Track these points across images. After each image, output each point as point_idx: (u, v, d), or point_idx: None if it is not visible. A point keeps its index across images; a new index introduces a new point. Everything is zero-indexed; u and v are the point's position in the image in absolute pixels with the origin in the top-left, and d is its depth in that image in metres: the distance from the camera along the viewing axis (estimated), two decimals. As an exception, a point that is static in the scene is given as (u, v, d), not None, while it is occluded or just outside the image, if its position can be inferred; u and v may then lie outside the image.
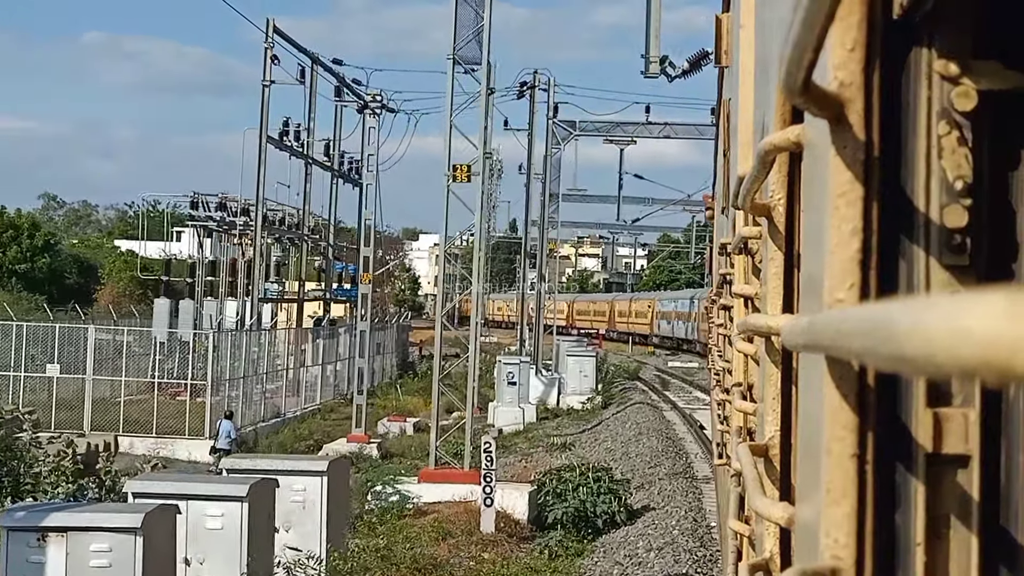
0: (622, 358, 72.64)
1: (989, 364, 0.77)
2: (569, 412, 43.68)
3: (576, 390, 45.87)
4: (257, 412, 39.00)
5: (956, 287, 1.45)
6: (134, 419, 35.51)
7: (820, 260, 1.56)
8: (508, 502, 23.85)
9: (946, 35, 1.47)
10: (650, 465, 29.14)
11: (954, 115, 1.46)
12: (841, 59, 1.45)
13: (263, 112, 42.08)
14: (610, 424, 38.40)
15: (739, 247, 4.09)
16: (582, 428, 38.42)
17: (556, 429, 38.52)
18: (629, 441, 33.49)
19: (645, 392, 50.72)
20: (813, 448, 1.63)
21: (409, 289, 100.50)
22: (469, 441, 27.50)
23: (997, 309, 0.77)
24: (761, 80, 3.57)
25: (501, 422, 38.60)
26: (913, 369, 0.91)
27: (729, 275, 6.09)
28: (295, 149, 47.04)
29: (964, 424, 1.45)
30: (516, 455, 32.31)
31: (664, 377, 60.83)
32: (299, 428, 38.36)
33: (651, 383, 56.19)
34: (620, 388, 51.91)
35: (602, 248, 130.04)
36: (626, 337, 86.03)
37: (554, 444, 33.48)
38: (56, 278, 77.16)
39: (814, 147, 1.76)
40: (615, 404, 44.61)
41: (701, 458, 31.02)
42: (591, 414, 42.64)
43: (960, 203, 1.45)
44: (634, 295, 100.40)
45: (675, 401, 46.00)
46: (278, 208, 50.48)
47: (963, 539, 1.45)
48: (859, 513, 1.47)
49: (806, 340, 1.49)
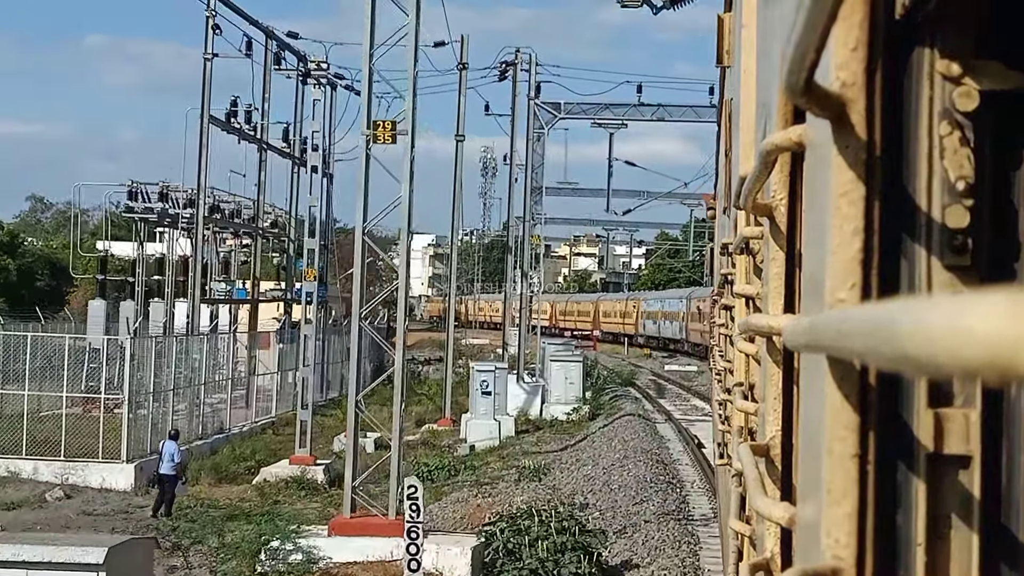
0: (616, 361, 69.52)
1: (991, 364, 0.77)
2: (552, 424, 39.33)
3: (561, 399, 41.30)
4: (196, 428, 33.67)
5: (958, 287, 1.45)
6: (43, 439, 29.21)
7: (822, 260, 1.56)
8: (445, 561, 19.21)
9: (948, 35, 1.47)
10: (635, 501, 24.04)
11: (956, 115, 1.46)
12: (843, 59, 1.45)
13: (205, 89, 37.09)
14: (595, 441, 33.85)
15: (741, 247, 4.09)
16: (564, 444, 34.14)
17: (535, 445, 34.30)
18: (613, 466, 28.52)
19: (638, 401, 46.50)
20: (814, 448, 1.63)
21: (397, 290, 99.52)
22: (396, 478, 21.16)
23: (999, 309, 0.77)
24: (763, 80, 3.57)
25: (474, 437, 35.12)
26: (915, 369, 0.91)
27: (731, 275, 6.09)
28: (246, 133, 41.80)
29: (965, 424, 1.45)
30: (471, 488, 27.11)
31: (660, 383, 57.27)
32: (241, 447, 33.13)
33: (645, 389, 52.45)
34: (611, 396, 47.64)
35: (599, 247, 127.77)
36: (623, 339, 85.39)
37: (526, 468, 28.54)
38: (26, 280, 74.68)
39: (816, 147, 1.76)
40: (604, 415, 40.39)
41: (698, 488, 26.78)
42: (576, 427, 38.24)
43: (962, 203, 1.45)
44: (619, 295, 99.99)
45: (670, 411, 42.43)
46: (231, 199, 45.33)
47: (964, 539, 1.45)
48: (860, 513, 1.47)
49: (807, 340, 1.49)
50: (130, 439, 28.87)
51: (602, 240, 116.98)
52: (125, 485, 27.99)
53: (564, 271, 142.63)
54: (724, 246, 6.95)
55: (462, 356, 62.68)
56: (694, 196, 77.39)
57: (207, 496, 27.25)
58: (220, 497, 27.34)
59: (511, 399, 39.34)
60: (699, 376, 58.00)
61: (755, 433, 3.54)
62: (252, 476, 29.70)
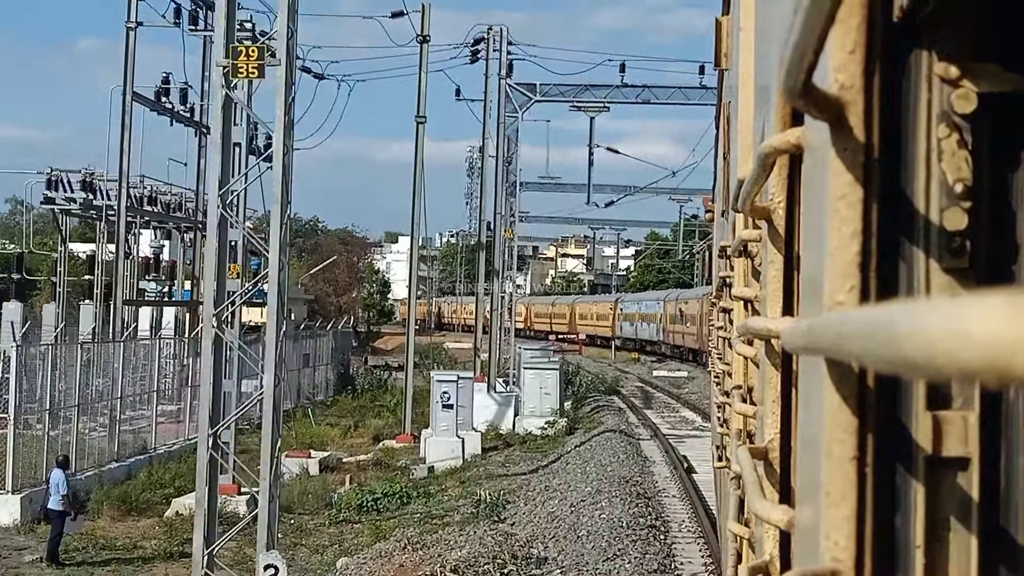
0: (602, 366, 65.66)
1: (989, 366, 0.77)
2: (525, 440, 35.11)
3: (535, 411, 37.20)
4: (109, 450, 28.40)
5: (956, 290, 1.46)
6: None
7: (820, 262, 1.56)
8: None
9: (946, 38, 1.47)
10: (607, 555, 18.80)
11: (954, 118, 1.46)
12: (841, 61, 1.45)
13: (127, 63, 32.53)
14: (569, 463, 28.64)
15: (739, 250, 4.10)
16: (534, 465, 29.38)
17: (502, 467, 29.89)
18: (584, 502, 22.93)
19: (621, 412, 41.70)
20: (813, 451, 1.63)
21: (378, 293, 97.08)
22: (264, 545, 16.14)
23: (997, 311, 0.77)
24: (761, 83, 3.57)
25: (434, 456, 30.69)
26: (913, 371, 0.91)
27: (729, 278, 6.09)
28: (181, 114, 36.73)
29: (964, 427, 1.45)
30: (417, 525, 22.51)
31: (647, 390, 52.92)
32: (160, 471, 27.57)
33: (630, 398, 47.68)
34: (593, 407, 43.24)
35: (587, 248, 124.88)
36: (611, 342, 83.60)
37: (483, 502, 23.87)
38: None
39: (814, 149, 1.76)
40: (582, 429, 36.05)
41: (688, 531, 21.21)
42: (551, 443, 33.94)
43: (960, 206, 1.45)
44: (596, 297, 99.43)
45: (656, 424, 37.89)
46: (169, 191, 40.91)
47: (963, 541, 1.45)
48: (859, 515, 1.47)
49: (806, 343, 1.49)
50: (16, 465, 23.56)
51: (590, 241, 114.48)
52: (8, 520, 22.96)
53: (552, 273, 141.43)
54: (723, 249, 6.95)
55: (439, 362, 58.57)
56: (683, 192, 72.57)
57: (104, 534, 22.43)
58: (121, 535, 22.49)
59: (480, 411, 35.73)
60: (689, 383, 55.34)
61: (754, 436, 3.54)
62: (165, 507, 24.88)
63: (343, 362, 51.85)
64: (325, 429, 36.21)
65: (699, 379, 53.70)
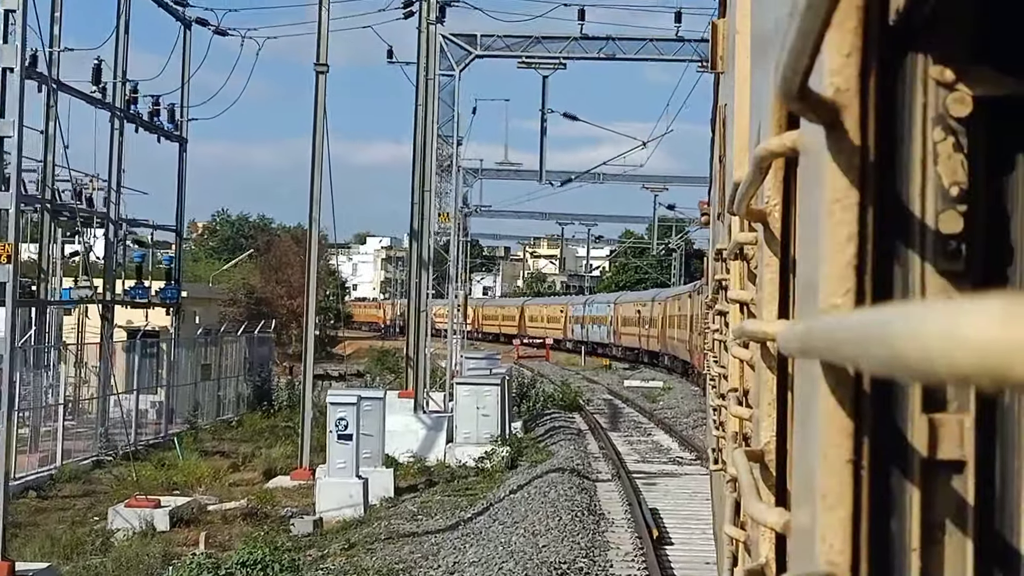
0: (568, 376, 58.27)
1: (985, 370, 0.77)
2: (453, 478, 26.78)
3: (471, 437, 29.20)
4: None
5: (952, 293, 1.46)
6: None
7: (816, 265, 1.56)
8: None
9: (942, 41, 1.47)
10: None
11: (949, 121, 1.46)
12: (837, 65, 1.45)
13: None
14: (498, 518, 20.89)
15: (735, 252, 4.10)
16: (454, 519, 21.34)
17: (412, 519, 21.69)
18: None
19: (580, 437, 33.52)
20: (809, 453, 1.63)
21: (334, 295, 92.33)
22: None
23: (993, 315, 0.77)
24: (757, 86, 3.58)
25: (327, 503, 22.49)
26: (909, 374, 0.91)
27: (725, 280, 6.09)
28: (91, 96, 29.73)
29: (959, 430, 1.46)
30: None
31: (617, 404, 45.08)
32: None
33: (595, 416, 39.80)
34: (547, 428, 35.49)
35: (560, 247, 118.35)
36: (579, 347, 78.89)
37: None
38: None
39: (810, 153, 1.76)
40: (526, 463, 27.84)
41: None
42: (485, 482, 25.77)
43: (955, 209, 1.46)
44: (546, 299, 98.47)
45: (622, 455, 29.80)
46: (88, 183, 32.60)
47: (959, 544, 1.45)
48: (855, 518, 1.47)
49: (802, 345, 1.49)
50: None
51: (563, 240, 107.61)
52: None
53: (523, 274, 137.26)
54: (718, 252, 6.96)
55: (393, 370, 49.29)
56: (657, 179, 67.49)
57: None
58: None
59: (403, 437, 28.57)
60: (665, 394, 48.24)
61: (750, 438, 3.54)
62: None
63: (262, 373, 43.12)
64: (205, 462, 28.23)
65: (676, 390, 49.41)
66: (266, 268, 75.56)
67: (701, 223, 21.94)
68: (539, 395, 43.34)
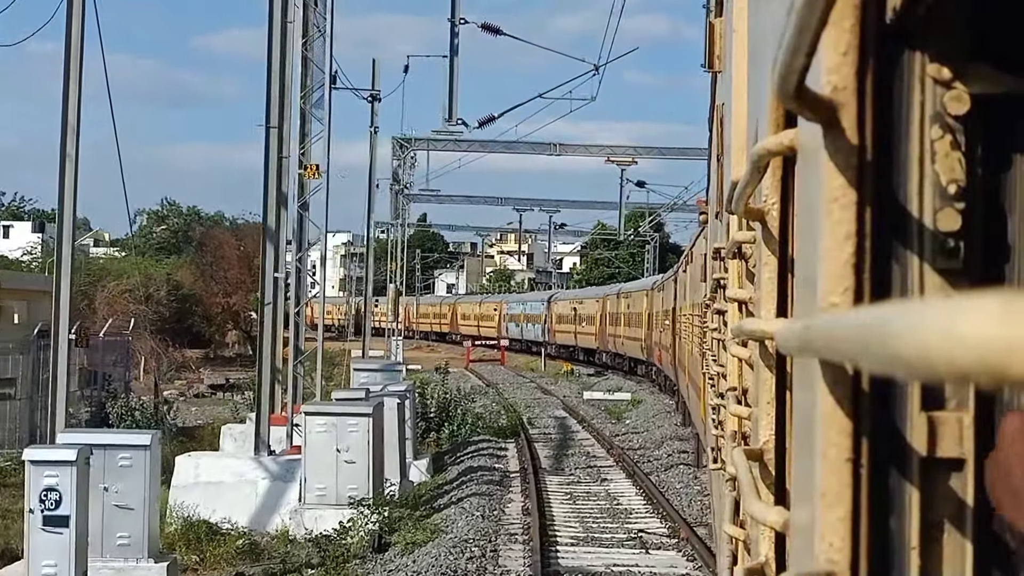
0: (520, 384, 50.64)
1: (983, 367, 0.77)
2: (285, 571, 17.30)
3: (328, 496, 19.42)
4: None
5: (950, 291, 1.46)
6: None
7: (814, 264, 1.56)
8: None
9: (939, 39, 1.47)
10: None
11: (947, 119, 1.46)
12: (834, 63, 1.45)
13: None
14: None
15: (733, 251, 4.10)
16: None
17: None
18: None
19: (506, 483, 23.40)
20: (808, 452, 1.63)
21: None
22: None
23: (991, 312, 0.77)
24: (754, 85, 3.58)
25: None
26: (908, 373, 0.91)
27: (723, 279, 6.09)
28: None
29: (958, 428, 1.46)
30: None
31: (569, 425, 35.02)
32: None
33: (538, 444, 29.85)
34: (463, 468, 25.09)
35: (529, 243, 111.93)
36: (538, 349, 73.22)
37: None
38: None
39: (808, 151, 1.76)
40: (401, 543, 17.65)
41: None
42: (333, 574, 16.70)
43: (953, 207, 1.46)
44: (479, 296, 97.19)
45: (558, 524, 19.45)
46: None
47: (957, 543, 1.45)
48: (854, 517, 1.47)
49: (800, 344, 1.49)
50: None
51: (529, 234, 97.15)
52: None
53: (489, 270, 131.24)
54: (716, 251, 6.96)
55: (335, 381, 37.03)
56: (622, 148, 56.72)
57: None
58: None
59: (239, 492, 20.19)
60: (633, 410, 38.87)
61: (748, 437, 3.54)
62: None
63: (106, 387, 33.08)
64: None
65: (646, 404, 40.34)
66: (202, 263, 69.22)
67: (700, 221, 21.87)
68: (465, 416, 32.26)
